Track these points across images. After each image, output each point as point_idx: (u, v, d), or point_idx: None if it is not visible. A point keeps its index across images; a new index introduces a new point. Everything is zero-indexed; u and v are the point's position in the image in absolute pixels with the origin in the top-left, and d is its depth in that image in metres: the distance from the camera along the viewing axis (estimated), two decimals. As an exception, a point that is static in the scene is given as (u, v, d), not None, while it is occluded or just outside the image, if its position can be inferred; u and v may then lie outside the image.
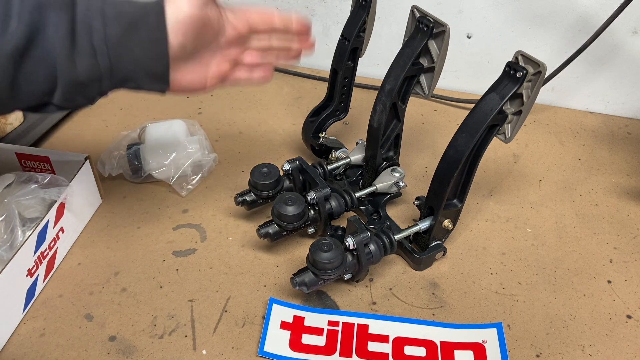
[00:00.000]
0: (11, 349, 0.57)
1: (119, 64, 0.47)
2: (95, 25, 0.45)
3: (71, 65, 0.45)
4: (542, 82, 0.55)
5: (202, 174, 0.78)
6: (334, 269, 0.57)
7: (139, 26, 0.47)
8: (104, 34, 0.46)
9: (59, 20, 0.44)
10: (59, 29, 0.44)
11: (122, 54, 0.47)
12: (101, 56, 0.46)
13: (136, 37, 0.47)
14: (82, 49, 0.45)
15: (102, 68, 0.46)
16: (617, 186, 0.81)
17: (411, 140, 0.88)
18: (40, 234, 0.61)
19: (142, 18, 0.47)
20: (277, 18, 0.57)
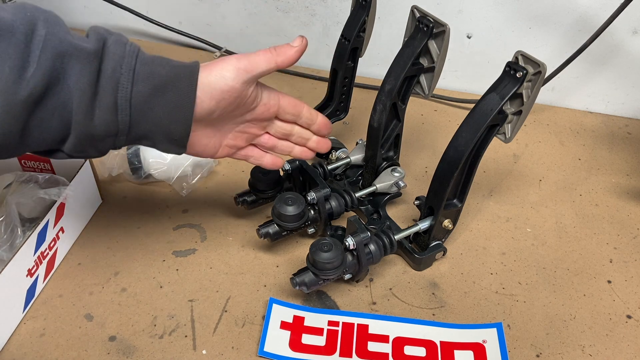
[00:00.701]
0: (11, 349, 0.57)
1: (139, 123, 0.46)
2: (123, 82, 0.45)
3: (88, 118, 0.44)
4: (542, 82, 0.54)
5: (202, 174, 0.78)
6: (334, 269, 0.57)
7: (168, 89, 0.46)
8: (130, 92, 0.45)
9: (82, 72, 0.43)
10: (81, 80, 0.43)
11: (145, 114, 0.46)
12: (122, 114, 0.45)
13: (162, 99, 0.46)
14: (103, 104, 0.44)
15: (120, 125, 0.46)
16: (617, 186, 0.81)
17: (411, 140, 0.88)
18: (40, 234, 0.61)
19: (173, 81, 0.47)
20: (305, 110, 0.58)
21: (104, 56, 0.44)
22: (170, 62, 0.48)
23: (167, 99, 0.47)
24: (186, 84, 0.47)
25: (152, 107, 0.46)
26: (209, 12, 1.07)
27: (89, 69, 0.43)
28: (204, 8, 1.07)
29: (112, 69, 0.44)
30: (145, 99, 0.46)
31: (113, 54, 0.45)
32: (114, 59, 0.44)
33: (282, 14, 1.03)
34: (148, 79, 0.46)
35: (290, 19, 1.03)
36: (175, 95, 0.47)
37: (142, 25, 1.11)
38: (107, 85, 0.44)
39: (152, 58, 0.47)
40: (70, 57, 0.42)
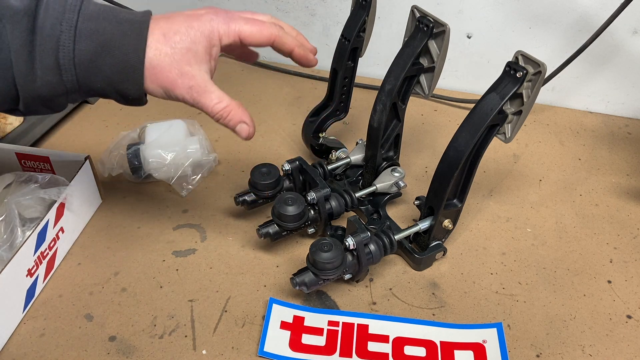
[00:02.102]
0: (11, 349, 0.57)
1: (89, 81, 0.44)
2: (64, 41, 0.41)
3: (30, 80, 0.42)
4: (542, 82, 0.54)
5: (202, 174, 0.78)
6: (334, 269, 0.57)
7: (114, 47, 0.43)
8: (72, 51, 0.42)
9: (13, 32, 0.40)
10: (13, 41, 0.40)
11: (93, 73, 0.43)
12: (67, 74, 0.42)
13: (110, 59, 0.43)
14: (44, 64, 0.41)
15: (67, 84, 0.43)
16: (617, 186, 0.81)
17: (411, 140, 0.88)
18: (40, 234, 0.61)
19: (120, 39, 0.43)
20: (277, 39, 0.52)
21: (39, 13, 0.41)
22: (119, 15, 0.44)
23: (114, 58, 0.43)
24: (133, 42, 0.44)
25: (99, 66, 0.43)
26: (209, 12, 1.07)
27: (20, 29, 0.40)
28: (204, 8, 1.07)
29: (51, 26, 0.41)
30: (91, 57, 0.43)
31: (52, 10, 0.41)
32: (52, 15, 0.41)
33: (282, 14, 1.03)
34: (92, 36, 0.42)
35: (290, 19, 1.03)
36: (122, 55, 0.43)
37: (142, 25, 1.11)
38: (46, 44, 0.41)
39: (97, 11, 0.43)
40: (2, 17, 0.40)
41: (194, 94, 0.47)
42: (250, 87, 1.01)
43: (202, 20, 0.48)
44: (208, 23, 0.48)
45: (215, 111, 0.48)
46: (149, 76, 0.45)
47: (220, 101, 0.48)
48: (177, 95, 0.47)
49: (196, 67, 0.47)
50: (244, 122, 0.50)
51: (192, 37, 0.47)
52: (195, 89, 0.47)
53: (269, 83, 1.02)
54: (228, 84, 0.68)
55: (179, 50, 0.46)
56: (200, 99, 0.47)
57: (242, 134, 0.50)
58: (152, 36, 0.45)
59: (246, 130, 0.50)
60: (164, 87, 0.46)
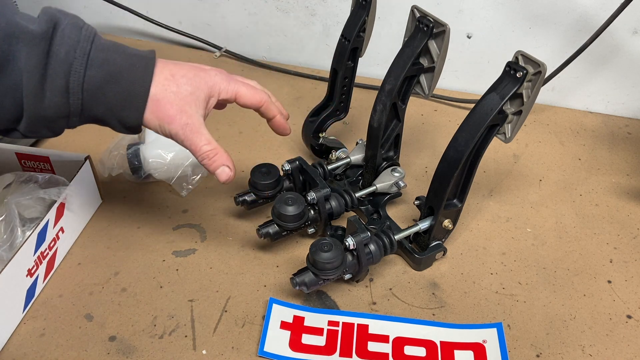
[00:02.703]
0: (11, 349, 0.57)
1: (92, 106, 0.47)
2: (76, 67, 0.45)
3: (38, 100, 0.44)
4: (542, 82, 0.55)
5: (202, 174, 0.78)
6: (334, 269, 0.57)
7: (122, 77, 0.47)
8: (83, 77, 0.45)
9: (29, 55, 0.43)
10: (28, 63, 0.43)
11: (97, 99, 0.46)
12: (74, 97, 0.45)
13: (116, 87, 0.47)
14: (54, 86, 0.44)
15: (72, 107, 0.46)
16: (617, 186, 0.81)
17: (411, 140, 0.88)
18: (40, 234, 0.61)
19: (128, 70, 0.47)
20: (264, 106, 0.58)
21: (55, 39, 0.44)
22: (127, 50, 0.48)
23: (120, 86, 0.47)
24: (140, 74, 0.48)
25: (105, 93, 0.46)
26: (209, 12, 1.07)
27: (36, 52, 0.43)
28: (204, 8, 1.07)
29: (66, 52, 0.44)
30: (99, 84, 0.46)
31: (68, 38, 0.45)
32: (68, 43, 0.44)
33: (282, 14, 1.03)
34: (102, 65, 0.46)
35: (290, 19, 1.03)
36: (128, 84, 0.47)
37: (142, 25, 1.11)
38: (59, 68, 0.44)
39: (108, 44, 0.47)
40: (18, 39, 0.42)
41: (187, 132, 0.51)
42: (250, 87, 1.01)
43: (207, 73, 0.53)
44: (212, 77, 0.53)
45: (203, 151, 0.52)
46: (150, 107, 0.49)
47: (209, 143, 0.52)
48: (171, 129, 0.50)
49: (194, 109, 0.51)
50: (226, 165, 0.54)
51: (197, 84, 0.51)
52: (189, 127, 0.51)
53: (269, 83, 1.02)
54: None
55: (184, 91, 0.50)
56: (192, 137, 0.51)
57: (222, 177, 0.54)
58: (160, 74, 0.49)
59: (227, 174, 0.54)
60: (161, 120, 0.50)
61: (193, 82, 0.51)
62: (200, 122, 0.51)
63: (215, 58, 1.08)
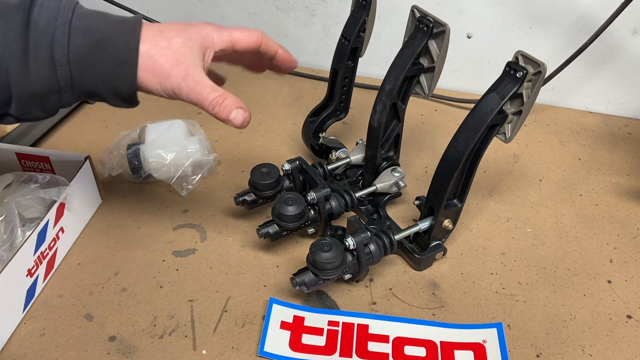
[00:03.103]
0: (11, 349, 0.57)
1: (82, 78, 0.45)
2: (59, 36, 0.42)
3: (23, 74, 0.42)
4: (542, 82, 0.55)
5: (202, 174, 0.78)
6: (334, 269, 0.57)
7: (108, 43, 0.44)
8: (67, 47, 0.43)
9: (6, 27, 0.41)
10: (7, 35, 0.41)
11: (87, 70, 0.44)
12: (61, 69, 0.43)
13: (103, 54, 0.44)
14: (39, 59, 0.42)
15: (61, 81, 0.44)
16: (617, 186, 0.81)
17: (411, 140, 0.88)
18: (40, 234, 0.61)
19: (114, 36, 0.45)
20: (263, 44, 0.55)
21: (33, 9, 0.42)
22: (111, 16, 0.46)
23: (108, 54, 0.44)
24: (127, 39, 0.45)
25: (93, 63, 0.44)
26: (209, 12, 1.07)
27: (14, 22, 0.41)
28: (203, 8, 1.07)
29: (46, 21, 0.42)
30: (85, 53, 0.44)
31: (47, 8, 0.42)
32: (47, 13, 0.42)
33: (282, 14, 1.03)
34: (86, 33, 0.43)
35: (290, 19, 1.03)
36: (116, 51, 0.45)
37: (142, 25, 1.11)
38: (41, 39, 0.42)
39: (90, 12, 0.45)
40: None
41: (189, 82, 0.47)
42: (250, 87, 1.01)
43: (197, 25, 0.50)
44: (203, 27, 0.50)
45: (211, 98, 0.48)
46: (144, 66, 0.46)
47: (214, 90, 0.49)
48: (172, 84, 0.47)
49: (190, 60, 0.48)
50: (239, 107, 0.50)
51: (188, 35, 0.48)
52: (190, 78, 0.47)
53: (269, 83, 1.02)
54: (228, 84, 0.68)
55: (175, 43, 0.47)
56: (195, 87, 0.48)
57: (238, 120, 0.50)
58: (147, 32, 0.46)
59: (242, 115, 0.50)
60: (159, 78, 0.47)
61: (184, 35, 0.48)
62: (201, 72, 0.48)
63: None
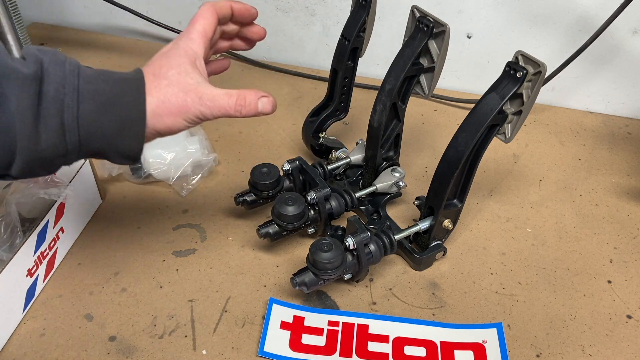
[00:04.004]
0: (11, 349, 0.57)
1: (89, 141, 0.45)
2: (69, 102, 0.43)
3: (34, 141, 0.42)
4: (542, 82, 0.55)
5: (202, 174, 0.78)
6: (334, 269, 0.57)
7: (114, 105, 0.45)
8: (76, 112, 0.43)
9: (21, 96, 0.41)
10: (21, 104, 0.41)
11: (94, 133, 0.44)
12: (70, 134, 0.43)
13: (111, 116, 0.44)
14: (49, 127, 0.42)
15: (69, 145, 0.44)
16: (617, 186, 0.81)
17: (411, 140, 0.88)
18: (40, 234, 0.61)
19: (119, 96, 0.45)
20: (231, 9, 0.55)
21: (44, 78, 0.42)
22: (114, 75, 0.46)
23: (116, 115, 0.45)
24: (134, 98, 0.46)
25: (100, 125, 0.45)
26: (209, 12, 1.07)
27: (28, 93, 0.41)
28: (204, 8, 1.07)
29: (55, 90, 0.42)
30: (93, 117, 0.44)
31: (54, 75, 0.43)
32: (55, 80, 0.43)
33: (282, 14, 1.03)
34: (94, 96, 0.44)
35: (290, 19, 1.03)
36: (123, 111, 0.45)
37: (142, 25, 1.11)
38: (51, 107, 0.42)
39: (94, 74, 0.45)
40: (9, 80, 0.41)
41: (206, 103, 0.48)
42: (250, 87, 1.01)
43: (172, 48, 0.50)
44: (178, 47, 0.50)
45: (232, 105, 0.49)
46: (163, 112, 0.47)
47: (230, 95, 0.49)
48: (194, 113, 0.48)
49: (193, 82, 0.48)
50: (261, 97, 0.50)
51: (174, 62, 0.49)
52: (204, 98, 0.48)
53: (269, 83, 1.02)
54: (228, 84, 0.68)
55: (171, 76, 0.48)
56: (213, 104, 0.48)
57: (267, 108, 0.50)
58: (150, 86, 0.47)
59: (268, 102, 0.51)
60: (180, 115, 0.48)
61: (171, 63, 0.48)
62: (208, 86, 0.49)
63: (215, 58, 1.08)
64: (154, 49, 0.51)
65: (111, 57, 1.06)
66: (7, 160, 0.42)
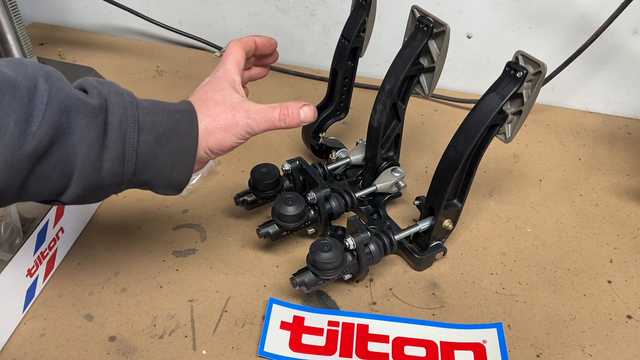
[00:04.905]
0: (11, 349, 0.57)
1: (143, 171, 0.47)
2: (130, 133, 0.45)
3: (96, 171, 0.44)
4: (542, 82, 0.55)
5: (202, 174, 0.78)
6: (334, 269, 0.57)
7: (170, 136, 0.47)
8: (137, 142, 0.45)
9: (88, 127, 0.42)
10: (88, 135, 0.42)
11: (149, 162, 0.47)
12: (128, 164, 0.45)
13: (166, 147, 0.47)
14: (111, 156, 0.44)
15: (125, 174, 0.46)
16: (617, 186, 0.81)
17: (411, 140, 0.88)
18: (40, 234, 0.61)
19: (175, 128, 0.47)
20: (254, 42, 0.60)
21: (109, 109, 0.44)
22: (167, 106, 0.49)
23: (170, 146, 0.47)
24: (187, 129, 0.48)
25: (156, 155, 0.47)
26: (209, 12, 1.07)
27: (96, 124, 0.43)
28: (203, 8, 1.07)
29: (119, 121, 0.44)
30: (150, 148, 0.46)
31: (117, 106, 0.45)
32: (118, 112, 0.45)
33: (282, 14, 1.03)
34: (152, 128, 0.46)
35: (290, 19, 1.03)
36: (178, 142, 0.47)
37: (142, 25, 1.11)
38: (116, 138, 0.44)
39: (150, 105, 0.48)
40: (77, 111, 0.42)
41: (253, 116, 0.51)
42: (250, 88, 1.00)
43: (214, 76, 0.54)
44: (219, 74, 0.54)
45: (277, 117, 0.52)
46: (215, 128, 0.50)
47: (274, 108, 0.52)
48: (243, 128, 0.51)
49: (237, 101, 0.52)
50: (302, 106, 0.53)
51: (217, 86, 0.53)
52: (251, 112, 0.51)
53: (269, 83, 1.02)
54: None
55: (218, 98, 0.51)
56: (259, 117, 0.51)
57: (309, 116, 0.54)
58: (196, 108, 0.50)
59: (309, 110, 0.54)
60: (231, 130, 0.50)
61: (215, 88, 0.52)
62: (250, 102, 0.52)
63: (216, 58, 1.08)
64: (154, 49, 0.52)
65: (111, 57, 1.06)
66: (62, 187, 0.44)
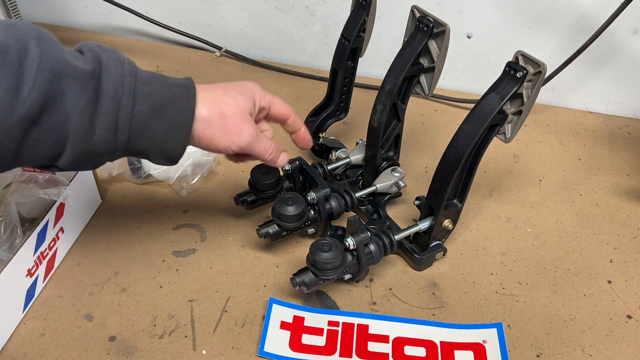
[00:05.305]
0: (11, 349, 0.57)
1: (137, 140, 0.47)
2: (125, 102, 0.45)
3: (88, 137, 0.44)
4: (542, 82, 0.55)
5: (202, 174, 0.78)
6: (334, 269, 0.57)
7: (167, 108, 0.47)
8: (131, 112, 0.45)
9: (80, 93, 0.42)
10: (79, 101, 0.42)
11: (143, 132, 0.47)
12: (121, 132, 0.45)
13: (161, 119, 0.47)
14: (104, 123, 0.44)
15: (118, 143, 0.46)
16: (617, 186, 0.81)
17: (411, 140, 0.88)
18: (40, 234, 0.61)
19: (172, 101, 0.47)
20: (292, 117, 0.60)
21: (102, 75, 0.44)
22: (167, 80, 0.49)
23: (165, 118, 0.47)
24: (185, 104, 0.48)
25: (150, 126, 0.47)
26: (209, 12, 1.07)
27: (87, 90, 0.43)
28: (204, 8, 1.07)
29: (114, 89, 0.44)
30: (146, 118, 0.46)
31: (114, 74, 0.45)
32: (114, 79, 0.44)
33: (282, 14, 1.03)
34: (148, 98, 0.46)
35: (290, 19, 1.03)
36: (173, 115, 0.48)
37: (142, 25, 1.11)
38: (109, 105, 0.44)
39: (149, 77, 0.48)
40: (68, 77, 0.42)
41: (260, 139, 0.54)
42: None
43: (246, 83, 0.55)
44: (251, 86, 0.55)
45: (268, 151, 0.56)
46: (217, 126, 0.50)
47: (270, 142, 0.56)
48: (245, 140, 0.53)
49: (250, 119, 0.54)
50: (282, 151, 0.59)
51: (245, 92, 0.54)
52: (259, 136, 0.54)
53: (269, 83, 1.02)
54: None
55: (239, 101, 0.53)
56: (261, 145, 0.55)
57: (284, 161, 0.60)
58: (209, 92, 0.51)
59: (285, 157, 0.60)
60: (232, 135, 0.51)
61: (242, 92, 0.53)
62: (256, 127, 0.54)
63: (215, 58, 1.08)
64: (154, 49, 0.52)
65: (111, 57, 1.06)
66: (57, 152, 0.44)
